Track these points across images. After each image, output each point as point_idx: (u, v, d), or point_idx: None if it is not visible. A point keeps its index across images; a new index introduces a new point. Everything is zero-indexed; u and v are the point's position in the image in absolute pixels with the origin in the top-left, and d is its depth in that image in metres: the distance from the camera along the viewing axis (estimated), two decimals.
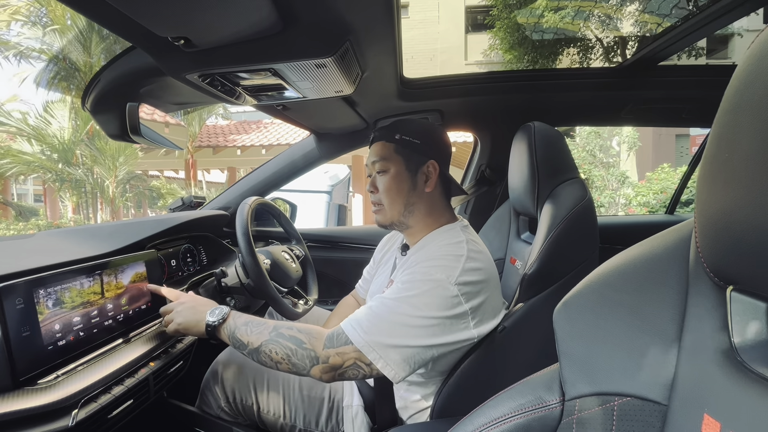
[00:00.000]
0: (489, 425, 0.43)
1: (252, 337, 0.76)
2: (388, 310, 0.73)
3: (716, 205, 0.30)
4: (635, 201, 6.55)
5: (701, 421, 0.32)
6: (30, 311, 0.68)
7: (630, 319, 0.39)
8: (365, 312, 0.75)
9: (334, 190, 4.58)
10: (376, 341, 0.71)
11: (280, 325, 0.76)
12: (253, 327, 0.77)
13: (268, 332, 0.75)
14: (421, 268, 0.78)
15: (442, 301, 0.73)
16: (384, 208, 0.90)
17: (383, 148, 0.89)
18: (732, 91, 0.29)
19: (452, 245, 0.82)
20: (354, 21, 0.74)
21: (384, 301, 0.75)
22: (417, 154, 0.87)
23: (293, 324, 0.78)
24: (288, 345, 0.73)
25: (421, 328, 0.72)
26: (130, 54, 0.87)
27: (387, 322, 0.72)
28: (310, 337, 0.73)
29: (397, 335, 0.71)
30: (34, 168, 9.17)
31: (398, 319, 0.72)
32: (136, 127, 0.96)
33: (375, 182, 0.91)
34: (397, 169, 0.87)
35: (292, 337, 0.74)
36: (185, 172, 10.09)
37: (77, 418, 0.65)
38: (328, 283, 1.67)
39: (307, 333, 0.74)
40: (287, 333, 0.74)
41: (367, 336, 0.71)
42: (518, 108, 1.41)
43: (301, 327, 0.76)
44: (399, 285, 0.77)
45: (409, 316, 0.72)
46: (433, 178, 0.88)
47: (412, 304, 0.73)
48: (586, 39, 8.45)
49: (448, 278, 0.74)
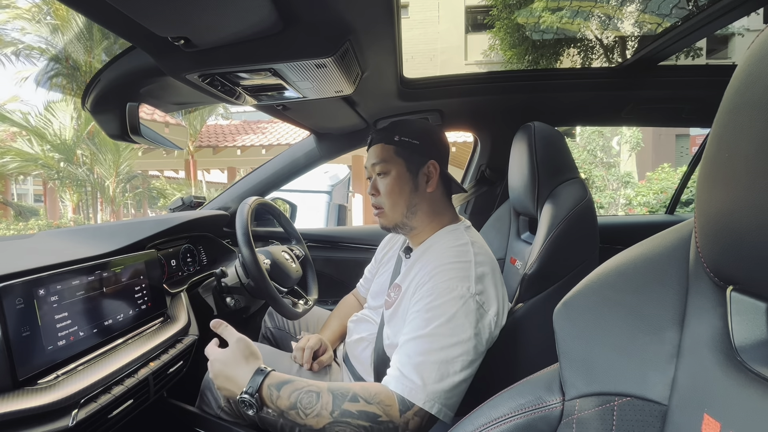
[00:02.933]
0: (489, 425, 0.43)
1: (309, 419, 0.65)
2: (428, 350, 0.69)
3: (716, 205, 0.30)
4: (635, 201, 6.55)
5: (701, 421, 0.32)
6: (30, 311, 0.68)
7: (630, 319, 0.39)
8: (406, 361, 0.69)
9: (334, 190, 4.58)
10: (433, 391, 0.66)
11: (338, 396, 0.65)
12: (304, 405, 0.65)
13: (329, 411, 0.64)
14: (436, 284, 0.75)
15: (472, 317, 0.72)
16: (385, 211, 0.89)
17: (383, 150, 0.88)
18: (732, 91, 0.29)
19: (458, 248, 0.81)
20: (354, 21, 0.74)
21: (420, 341, 0.70)
22: (417, 155, 0.87)
23: (351, 387, 0.67)
24: (361, 424, 0.64)
25: (465, 355, 0.70)
26: (130, 54, 0.87)
27: (433, 364, 0.68)
28: (382, 407, 0.65)
29: (448, 375, 0.68)
30: (36, 166, 9.18)
31: (442, 356, 0.68)
32: (136, 127, 0.96)
33: (376, 185, 0.90)
34: (398, 171, 0.87)
35: (362, 412, 0.64)
36: (185, 172, 10.09)
37: (77, 418, 0.65)
38: (328, 283, 1.67)
39: (378, 402, 0.65)
40: (354, 409, 0.64)
41: (423, 390, 0.66)
42: (518, 108, 1.41)
43: (364, 394, 0.66)
44: (423, 313, 0.73)
45: (450, 346, 0.69)
46: (434, 178, 0.88)
47: (448, 331, 0.70)
48: (586, 39, 8.45)
49: (469, 290, 0.74)
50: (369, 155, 0.91)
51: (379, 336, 0.91)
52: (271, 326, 1.32)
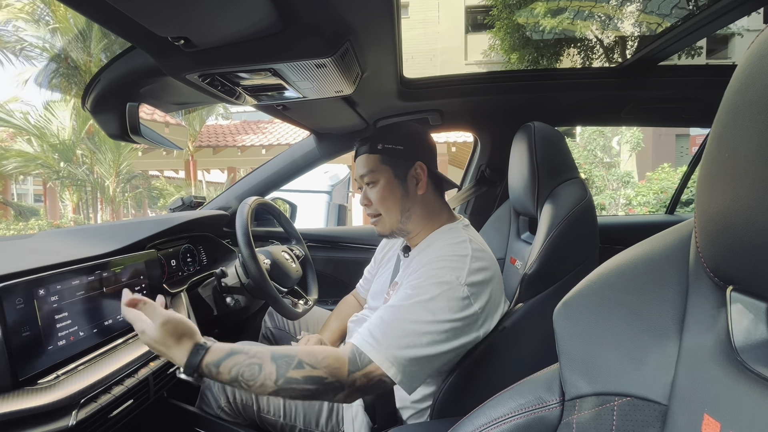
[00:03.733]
0: (489, 425, 0.43)
1: (254, 389, 0.66)
2: (401, 319, 0.70)
3: (716, 205, 0.30)
4: (636, 201, 6.56)
5: (701, 421, 0.32)
6: (30, 311, 0.68)
7: (630, 319, 0.39)
8: (378, 323, 0.71)
9: (334, 190, 4.58)
10: (394, 355, 0.67)
11: (282, 365, 0.65)
12: (246, 378, 0.65)
13: (273, 381, 0.65)
14: (428, 270, 0.76)
15: (454, 304, 0.72)
16: (382, 218, 0.90)
17: (368, 160, 0.89)
18: (732, 91, 0.29)
19: (455, 245, 0.82)
20: (354, 21, 0.74)
21: (395, 309, 0.72)
22: (403, 160, 0.88)
23: (295, 354, 0.67)
24: (307, 388, 0.65)
25: (436, 334, 0.70)
26: (130, 54, 0.87)
27: (402, 331, 0.69)
28: (329, 370, 0.66)
29: (413, 345, 0.68)
30: (36, 166, 9.18)
31: (413, 327, 0.69)
32: (136, 127, 0.96)
33: (367, 195, 0.91)
34: (386, 179, 0.87)
35: (307, 378, 0.65)
36: (185, 172, 10.09)
37: (77, 418, 0.65)
38: (328, 283, 1.67)
39: (325, 366, 0.66)
40: (299, 375, 0.65)
41: (385, 351, 0.67)
42: (518, 108, 1.41)
43: (310, 359, 0.66)
44: (408, 290, 0.74)
45: (423, 322, 0.70)
46: (423, 180, 0.88)
47: (426, 308, 0.71)
48: (586, 39, 8.45)
49: (458, 279, 0.74)
50: (357, 167, 0.91)
51: None
52: (271, 326, 1.32)
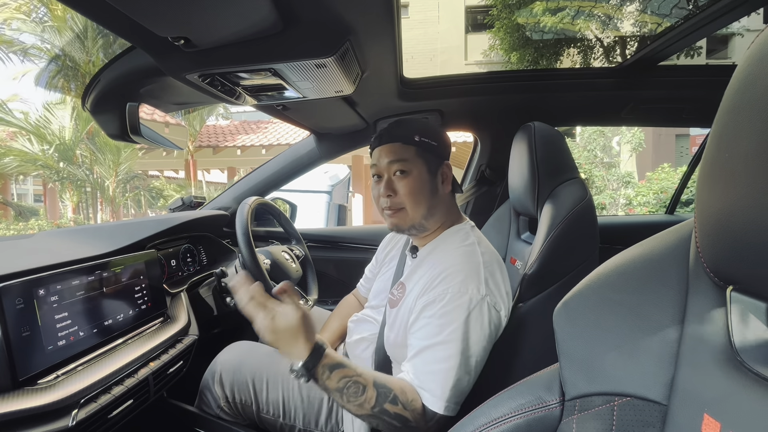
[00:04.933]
0: (489, 425, 0.43)
1: (350, 405, 0.70)
2: (444, 358, 0.72)
3: (716, 205, 0.30)
4: (636, 201, 6.56)
5: (701, 421, 0.32)
6: (30, 311, 0.68)
7: (630, 319, 0.39)
8: (426, 370, 0.73)
9: (334, 190, 4.58)
10: (451, 396, 0.71)
11: (381, 394, 0.70)
12: (350, 393, 0.69)
13: (370, 406, 0.69)
14: (447, 287, 0.76)
15: (485, 319, 0.75)
16: (405, 211, 0.85)
17: (403, 149, 0.85)
18: (732, 91, 0.29)
19: (465, 248, 0.82)
20: (354, 21, 0.74)
21: (435, 350, 0.73)
22: (435, 157, 0.87)
23: (392, 387, 0.71)
24: (393, 423, 0.70)
25: (476, 356, 0.74)
26: (130, 54, 0.87)
27: (448, 372, 0.71)
28: (415, 414, 0.70)
29: (462, 378, 0.72)
30: (36, 166, 9.18)
31: (455, 362, 0.71)
32: (136, 127, 0.97)
33: (392, 185, 0.86)
34: (419, 172, 0.85)
35: (398, 415, 0.70)
36: (185, 172, 10.09)
37: (77, 418, 0.65)
38: (328, 283, 1.67)
39: (413, 410, 0.70)
40: (392, 410, 0.70)
41: (442, 401, 0.71)
42: (518, 108, 1.41)
43: (403, 398, 0.71)
44: (436, 319, 0.74)
45: (464, 351, 0.72)
46: (448, 180, 0.88)
47: (461, 338, 0.72)
48: (586, 39, 8.45)
49: (479, 291, 0.75)
50: (383, 153, 0.86)
51: (381, 335, 0.90)
52: None
